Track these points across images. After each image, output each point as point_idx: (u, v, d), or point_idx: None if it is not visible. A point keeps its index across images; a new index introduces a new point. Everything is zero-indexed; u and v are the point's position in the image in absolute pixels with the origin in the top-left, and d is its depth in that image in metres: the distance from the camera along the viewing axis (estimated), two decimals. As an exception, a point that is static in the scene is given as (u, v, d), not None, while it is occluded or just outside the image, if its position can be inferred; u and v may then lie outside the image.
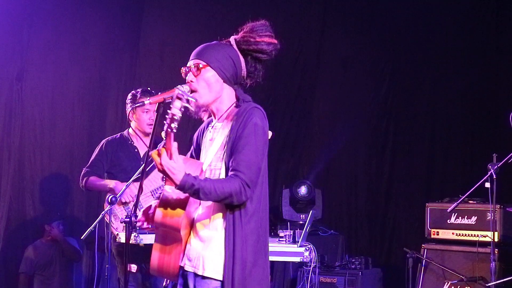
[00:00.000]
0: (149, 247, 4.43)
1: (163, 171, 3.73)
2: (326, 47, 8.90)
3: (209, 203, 3.93)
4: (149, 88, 6.68)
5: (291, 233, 6.82)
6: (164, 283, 4.23)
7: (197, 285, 3.95)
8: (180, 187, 3.75)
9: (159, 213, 3.89)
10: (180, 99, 3.66)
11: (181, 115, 3.64)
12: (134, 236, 6.00)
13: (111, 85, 8.82)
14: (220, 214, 3.92)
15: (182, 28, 8.79)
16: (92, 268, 7.95)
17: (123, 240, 6.05)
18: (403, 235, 8.38)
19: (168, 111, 3.63)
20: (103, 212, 5.96)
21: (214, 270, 3.89)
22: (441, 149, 8.42)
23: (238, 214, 3.88)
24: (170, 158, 3.70)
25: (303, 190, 8.11)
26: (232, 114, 4.01)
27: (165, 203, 3.89)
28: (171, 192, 3.88)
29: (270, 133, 4.06)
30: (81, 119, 8.77)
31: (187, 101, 3.72)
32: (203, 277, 3.92)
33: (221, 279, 3.87)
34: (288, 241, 6.68)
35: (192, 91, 3.96)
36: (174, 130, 3.64)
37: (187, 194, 3.81)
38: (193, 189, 3.74)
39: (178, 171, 3.72)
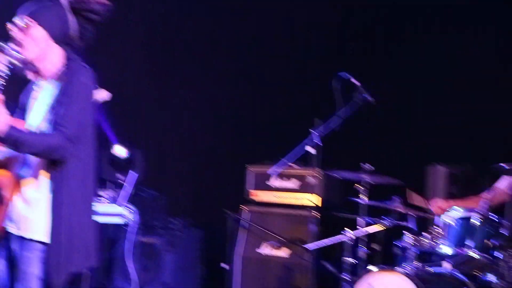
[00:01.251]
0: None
1: None
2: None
3: (34, 163, 3.81)
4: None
5: (112, 193, 6.67)
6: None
7: (21, 248, 3.80)
8: (4, 139, 3.62)
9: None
10: (2, 52, 3.52)
11: (8, 72, 3.51)
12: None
13: None
14: (46, 175, 3.81)
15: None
16: None
17: None
18: (224, 197, 8.35)
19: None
20: None
21: (39, 233, 3.78)
22: (266, 111, 8.47)
23: (65, 174, 3.79)
24: None
25: (120, 150, 7.89)
26: (59, 74, 3.91)
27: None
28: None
29: (106, 94, 3.96)
30: None
31: (12, 56, 3.60)
32: (28, 240, 3.79)
33: (46, 241, 3.75)
34: (109, 201, 6.53)
35: (18, 47, 3.80)
36: (1, 87, 3.51)
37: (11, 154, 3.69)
38: (15, 141, 3.63)
39: (2, 123, 3.58)
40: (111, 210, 6.45)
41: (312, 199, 6.31)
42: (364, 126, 7.85)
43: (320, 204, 6.73)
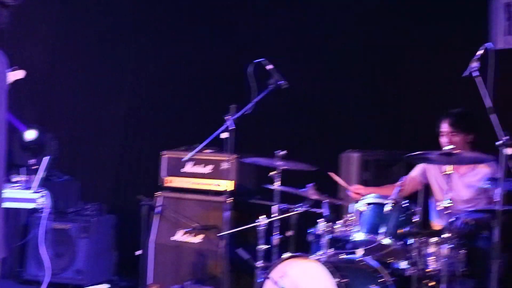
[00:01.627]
0: None
1: None
2: None
3: None
4: None
5: (24, 178, 6.47)
6: None
7: None
8: None
9: None
10: None
11: None
12: None
13: None
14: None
15: None
16: None
17: None
18: (138, 183, 8.24)
19: None
20: None
21: None
22: (181, 97, 8.35)
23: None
24: None
25: (31, 134, 7.66)
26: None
27: None
28: None
29: (20, 73, 3.74)
30: None
31: None
32: None
33: None
34: (21, 186, 6.32)
35: None
36: None
37: None
38: None
39: None
40: (23, 196, 6.22)
41: (226, 185, 6.22)
42: (278, 112, 7.83)
43: (234, 190, 6.65)
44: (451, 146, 5.08)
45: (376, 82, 7.72)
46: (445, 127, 5.88)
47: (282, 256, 5.43)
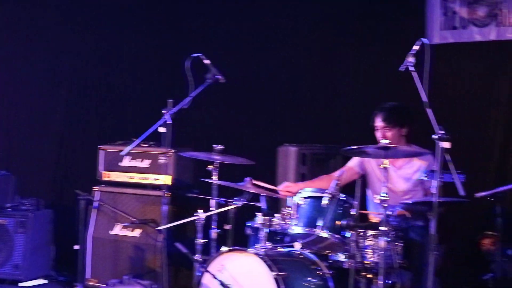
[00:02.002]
0: None
1: None
2: None
3: None
4: None
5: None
6: None
7: None
8: None
9: None
10: None
11: None
12: None
13: None
14: None
15: None
16: None
17: None
18: (76, 177, 8.11)
19: None
20: None
21: None
22: (118, 91, 8.23)
23: None
24: None
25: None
26: None
27: None
28: None
29: None
30: None
31: None
32: None
33: None
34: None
35: None
36: None
37: None
38: None
39: None
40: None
41: (164, 180, 6.12)
42: (216, 107, 7.79)
43: (172, 184, 6.56)
44: (387, 141, 5.07)
45: (313, 76, 7.70)
46: (378, 121, 5.88)
47: (220, 250, 5.38)
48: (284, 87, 7.76)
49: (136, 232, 6.73)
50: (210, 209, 5.86)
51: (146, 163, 6.83)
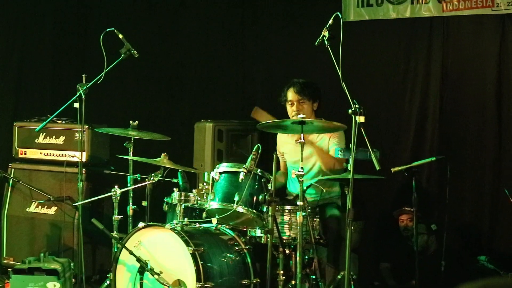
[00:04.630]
0: None
1: None
2: None
3: None
4: None
5: None
6: None
7: None
8: None
9: None
10: None
11: None
12: None
13: None
14: None
15: None
16: None
17: None
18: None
19: None
20: None
21: None
22: (30, 67, 7.88)
23: None
24: None
25: None
26: None
27: None
28: None
29: None
30: None
31: None
32: None
33: None
34: None
35: None
36: None
37: None
38: None
39: None
40: None
41: (79, 156, 5.86)
42: (131, 82, 7.58)
43: (88, 161, 6.34)
44: (302, 115, 4.91)
45: (229, 52, 7.54)
46: (292, 95, 5.73)
47: (137, 226, 5.17)
48: (200, 62, 7.59)
49: (52, 210, 6.46)
50: (127, 185, 5.68)
51: (61, 139, 6.55)
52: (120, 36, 5.47)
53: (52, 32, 7.96)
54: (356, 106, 4.48)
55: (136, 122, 5.67)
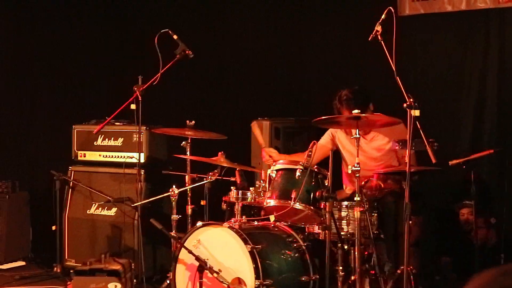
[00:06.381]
0: None
1: None
2: None
3: None
4: None
5: None
6: None
7: None
8: None
9: None
10: None
11: None
12: None
13: None
14: None
15: None
16: None
17: None
18: (50, 158, 7.88)
19: None
20: None
21: None
22: (89, 69, 8.04)
23: None
24: None
25: None
26: None
27: None
28: None
29: None
30: None
31: None
32: None
33: None
34: None
35: None
36: None
37: None
38: None
39: None
40: None
41: (138, 157, 5.96)
42: (187, 82, 7.65)
43: (146, 162, 6.42)
44: (358, 110, 4.90)
45: (283, 49, 7.56)
46: (347, 112, 5.51)
47: (195, 225, 5.23)
48: (255, 61, 7.62)
49: (112, 211, 6.58)
50: (185, 184, 5.74)
51: (119, 141, 6.66)
52: (175, 36, 5.56)
53: (108, 34, 8.09)
54: (411, 100, 4.48)
55: (193, 121, 5.72)
